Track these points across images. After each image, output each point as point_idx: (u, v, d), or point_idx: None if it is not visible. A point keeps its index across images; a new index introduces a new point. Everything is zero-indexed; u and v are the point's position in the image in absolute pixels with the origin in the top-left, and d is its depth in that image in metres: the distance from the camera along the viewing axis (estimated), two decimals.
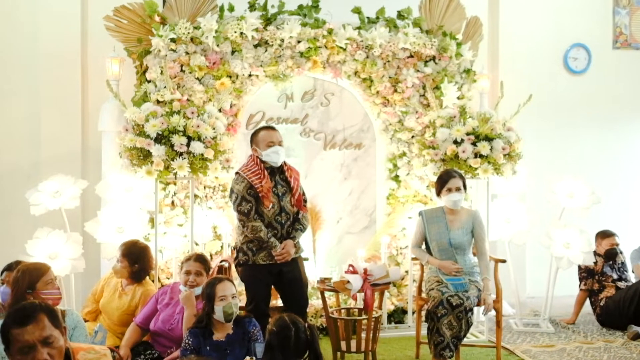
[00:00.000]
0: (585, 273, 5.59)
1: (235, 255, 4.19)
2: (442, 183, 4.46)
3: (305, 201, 4.26)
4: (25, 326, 2.13)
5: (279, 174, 4.14)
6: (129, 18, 5.09)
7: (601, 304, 5.47)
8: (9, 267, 3.81)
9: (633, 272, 5.66)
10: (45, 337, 2.14)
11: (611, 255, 5.57)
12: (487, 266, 4.42)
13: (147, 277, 4.30)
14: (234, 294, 3.50)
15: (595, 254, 5.53)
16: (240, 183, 4.04)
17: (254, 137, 4.17)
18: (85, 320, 3.85)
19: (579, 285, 5.64)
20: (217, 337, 3.44)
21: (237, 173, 4.13)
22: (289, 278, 4.11)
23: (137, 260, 4.17)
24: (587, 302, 5.62)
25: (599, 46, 6.76)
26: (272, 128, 4.21)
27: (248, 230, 4.01)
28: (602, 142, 6.76)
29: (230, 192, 4.12)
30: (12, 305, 3.15)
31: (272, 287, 4.17)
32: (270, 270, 4.06)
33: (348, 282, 4.36)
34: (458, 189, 4.41)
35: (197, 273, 3.88)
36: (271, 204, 4.02)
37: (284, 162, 4.18)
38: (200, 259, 3.98)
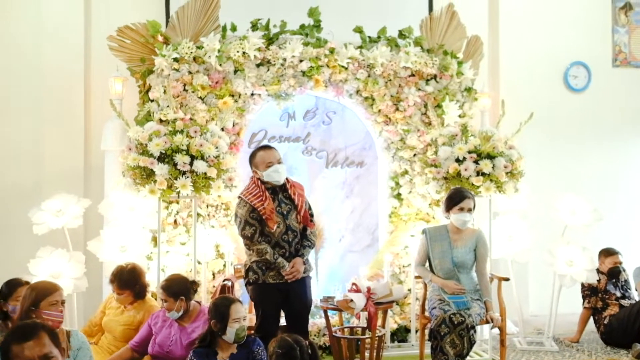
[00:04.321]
0: (589, 291, 5.57)
1: (244, 274, 4.16)
2: (454, 201, 4.44)
3: (312, 216, 4.22)
4: (26, 342, 2.16)
5: (282, 192, 4.12)
6: (132, 38, 5.13)
7: (605, 322, 5.45)
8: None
9: (636, 289, 5.65)
10: (45, 354, 2.16)
11: (614, 274, 5.55)
12: (487, 287, 4.41)
13: (149, 295, 4.30)
14: (245, 316, 3.54)
15: (598, 271, 5.51)
16: (242, 207, 4.04)
17: (252, 159, 4.15)
18: None
19: (583, 303, 5.62)
20: (222, 356, 3.43)
21: (239, 197, 4.12)
22: (296, 299, 4.07)
23: (134, 283, 4.18)
24: (591, 320, 5.60)
25: (598, 64, 6.81)
26: (269, 147, 4.18)
27: (254, 253, 4.03)
28: (602, 159, 6.78)
29: (235, 216, 4.13)
30: (17, 321, 3.14)
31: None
32: (280, 289, 4.03)
33: (351, 300, 4.35)
34: (470, 210, 4.42)
35: (163, 300, 3.87)
36: (276, 224, 4.00)
37: (287, 179, 4.16)
38: (163, 286, 3.91)
